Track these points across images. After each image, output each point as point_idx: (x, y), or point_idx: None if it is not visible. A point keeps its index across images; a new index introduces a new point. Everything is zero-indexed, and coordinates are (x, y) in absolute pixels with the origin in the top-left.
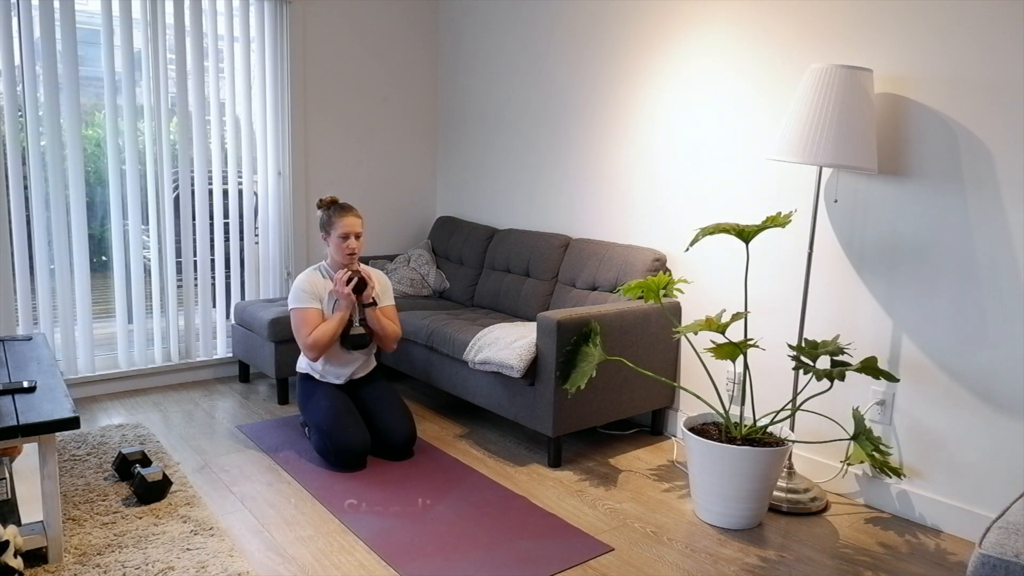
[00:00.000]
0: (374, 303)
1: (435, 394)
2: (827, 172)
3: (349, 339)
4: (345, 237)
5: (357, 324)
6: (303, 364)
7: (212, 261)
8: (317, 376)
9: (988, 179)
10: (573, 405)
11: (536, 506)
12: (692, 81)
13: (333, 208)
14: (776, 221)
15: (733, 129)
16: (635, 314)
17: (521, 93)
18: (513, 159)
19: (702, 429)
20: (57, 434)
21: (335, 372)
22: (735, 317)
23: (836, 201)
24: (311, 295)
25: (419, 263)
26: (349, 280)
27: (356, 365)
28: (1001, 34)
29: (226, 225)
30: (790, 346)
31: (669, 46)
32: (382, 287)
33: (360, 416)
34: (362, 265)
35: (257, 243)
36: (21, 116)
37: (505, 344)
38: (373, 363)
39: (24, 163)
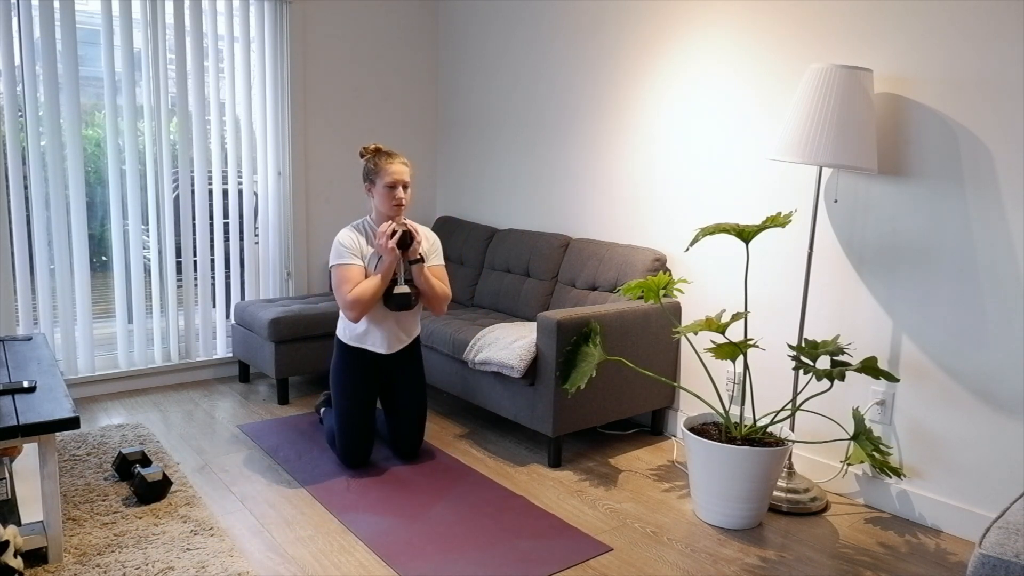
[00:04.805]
0: (421, 260)
1: (435, 394)
2: (827, 172)
3: (393, 298)
4: (392, 186)
5: (402, 282)
6: (341, 330)
7: (212, 261)
8: (354, 345)
9: (988, 179)
10: (573, 405)
11: (536, 506)
12: (692, 81)
13: (379, 155)
14: (776, 221)
15: (733, 129)
16: (635, 314)
17: (521, 93)
18: (513, 159)
19: (702, 429)
20: (57, 434)
21: (373, 337)
22: (735, 317)
23: (836, 201)
24: (353, 251)
25: None
26: (393, 234)
27: (397, 330)
28: (1001, 34)
29: (226, 225)
30: (790, 346)
31: (669, 46)
32: (430, 245)
33: (379, 408)
34: (408, 220)
35: (257, 243)
36: (21, 116)
37: (505, 344)
38: (417, 330)
39: (24, 163)
